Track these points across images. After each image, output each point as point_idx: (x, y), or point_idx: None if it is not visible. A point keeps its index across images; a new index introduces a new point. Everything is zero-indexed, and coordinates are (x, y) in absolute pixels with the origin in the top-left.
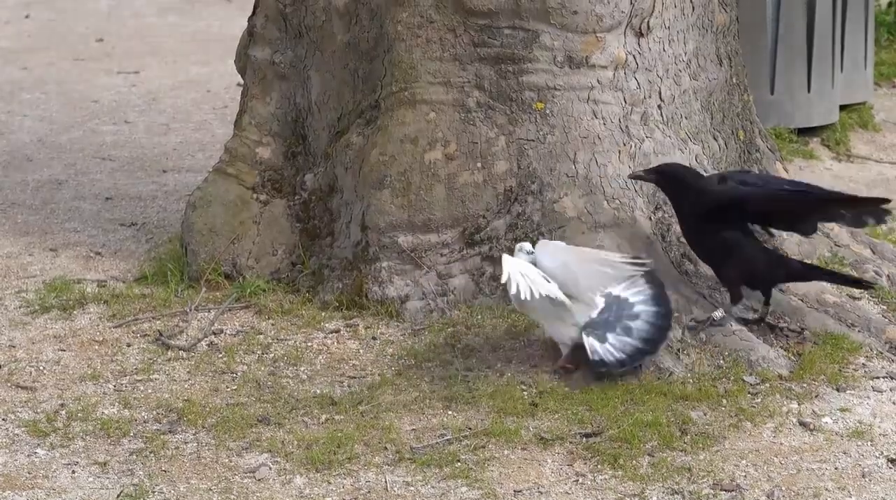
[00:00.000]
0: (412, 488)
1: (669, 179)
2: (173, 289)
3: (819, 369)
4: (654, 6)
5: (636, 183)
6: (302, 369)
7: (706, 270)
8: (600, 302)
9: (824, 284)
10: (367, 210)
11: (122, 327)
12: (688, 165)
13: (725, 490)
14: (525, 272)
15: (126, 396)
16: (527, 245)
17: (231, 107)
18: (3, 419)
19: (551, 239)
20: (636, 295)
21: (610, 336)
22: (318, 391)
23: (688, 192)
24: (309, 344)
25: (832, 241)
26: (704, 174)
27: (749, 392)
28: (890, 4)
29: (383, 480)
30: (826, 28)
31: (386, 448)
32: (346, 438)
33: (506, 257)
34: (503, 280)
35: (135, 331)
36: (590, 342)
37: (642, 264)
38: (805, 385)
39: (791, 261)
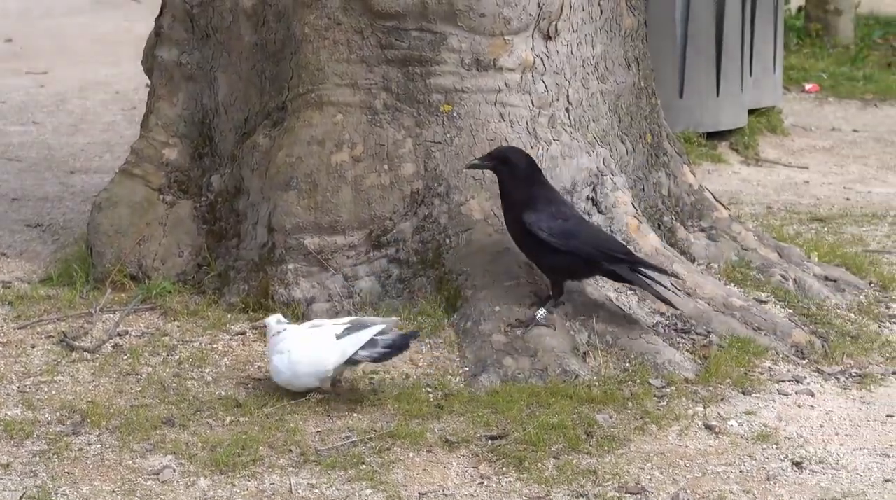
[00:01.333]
0: (317, 490)
1: (506, 166)
2: (79, 290)
3: (725, 372)
4: (561, 9)
5: None
6: (207, 371)
7: None
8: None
9: (731, 288)
10: (273, 212)
11: (27, 329)
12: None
13: (631, 493)
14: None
15: (30, 397)
16: (280, 317)
17: (140, 108)
18: None
19: (458, 241)
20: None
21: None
22: (223, 393)
23: (520, 185)
24: (214, 346)
25: (739, 244)
26: (540, 175)
27: (655, 395)
28: (800, 9)
29: (288, 482)
30: (735, 32)
31: (291, 450)
32: (250, 440)
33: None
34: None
35: (39, 332)
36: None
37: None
38: (711, 389)
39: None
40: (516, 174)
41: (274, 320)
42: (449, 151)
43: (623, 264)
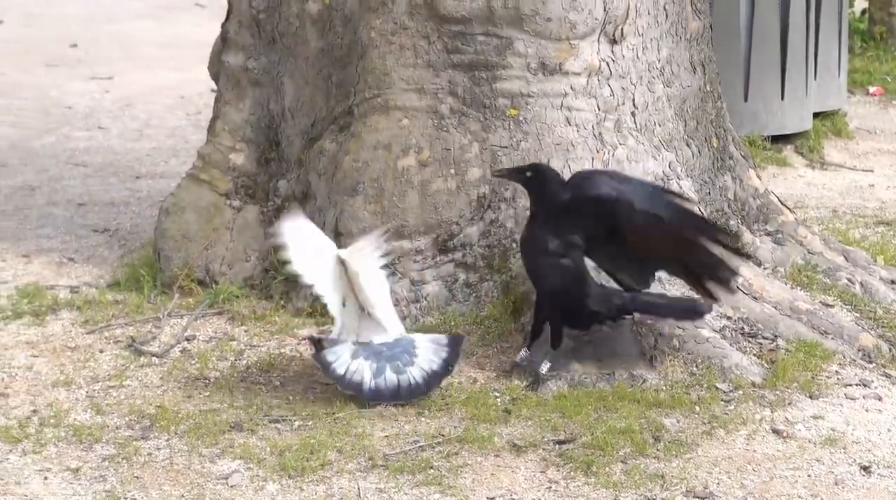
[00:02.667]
0: (385, 494)
1: (537, 181)
2: (146, 295)
3: (792, 376)
4: (627, 13)
5: None
6: (275, 375)
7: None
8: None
9: (798, 292)
10: (340, 217)
11: (95, 333)
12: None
13: (698, 498)
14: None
15: (98, 402)
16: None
17: (205, 113)
18: None
19: None
20: (430, 351)
21: (387, 371)
22: (291, 398)
23: (546, 199)
24: (282, 351)
25: (805, 248)
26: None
27: (722, 400)
28: (863, 12)
29: (356, 487)
30: (800, 35)
31: (359, 455)
32: (319, 444)
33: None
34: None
35: (107, 337)
36: (359, 366)
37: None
38: (778, 393)
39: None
40: (541, 189)
41: None
42: (515, 156)
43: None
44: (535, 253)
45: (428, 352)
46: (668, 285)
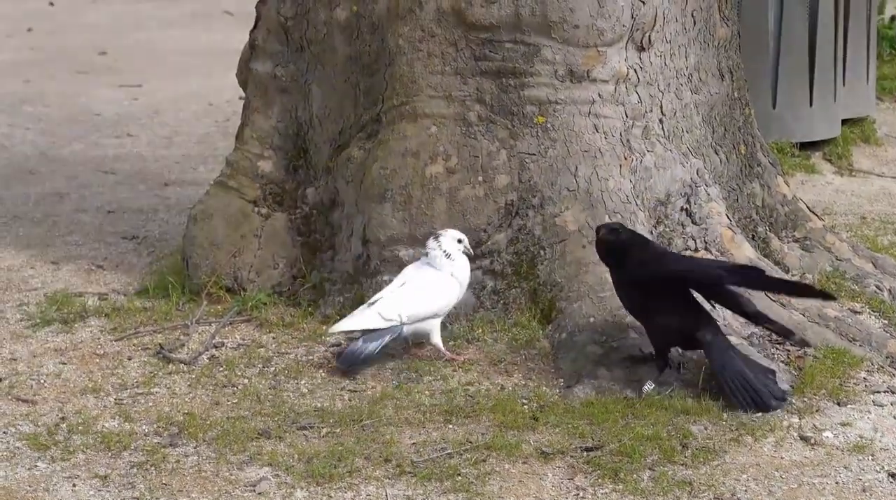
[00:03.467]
0: None
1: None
2: (174, 302)
3: (820, 383)
4: (655, 20)
5: (637, 197)
6: (303, 382)
7: None
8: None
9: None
10: (368, 224)
11: (123, 341)
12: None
13: None
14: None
15: (127, 409)
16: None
17: (233, 120)
18: (4, 432)
19: (553, 252)
20: None
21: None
22: (319, 405)
23: (631, 259)
24: (310, 358)
25: (833, 255)
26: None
27: None
28: (893, 18)
29: (384, 493)
30: (828, 42)
31: (387, 462)
32: (346, 451)
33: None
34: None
35: (136, 344)
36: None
37: None
38: (806, 400)
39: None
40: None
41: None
42: (543, 163)
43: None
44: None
45: None
46: None
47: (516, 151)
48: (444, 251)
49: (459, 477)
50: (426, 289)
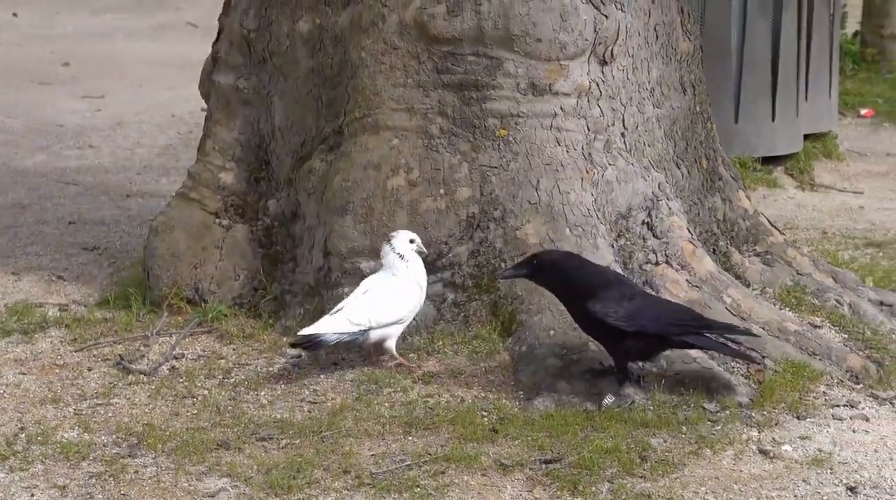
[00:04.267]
0: None
1: (547, 271)
2: (135, 313)
3: (779, 397)
4: (618, 34)
5: (598, 211)
6: (263, 394)
7: (668, 298)
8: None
9: (786, 313)
10: (329, 236)
11: (84, 351)
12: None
13: None
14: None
15: (86, 419)
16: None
17: (195, 132)
18: None
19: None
20: None
21: None
22: (279, 416)
23: (571, 284)
24: (270, 369)
25: (794, 269)
26: (586, 262)
27: (709, 420)
28: (855, 34)
29: None
30: (791, 57)
31: (346, 473)
32: (305, 463)
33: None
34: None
35: (96, 355)
36: None
37: None
38: (765, 413)
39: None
40: (560, 273)
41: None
42: (505, 176)
43: (694, 332)
44: (589, 323)
45: None
46: None
47: (478, 163)
48: (398, 253)
49: (418, 489)
50: (391, 296)
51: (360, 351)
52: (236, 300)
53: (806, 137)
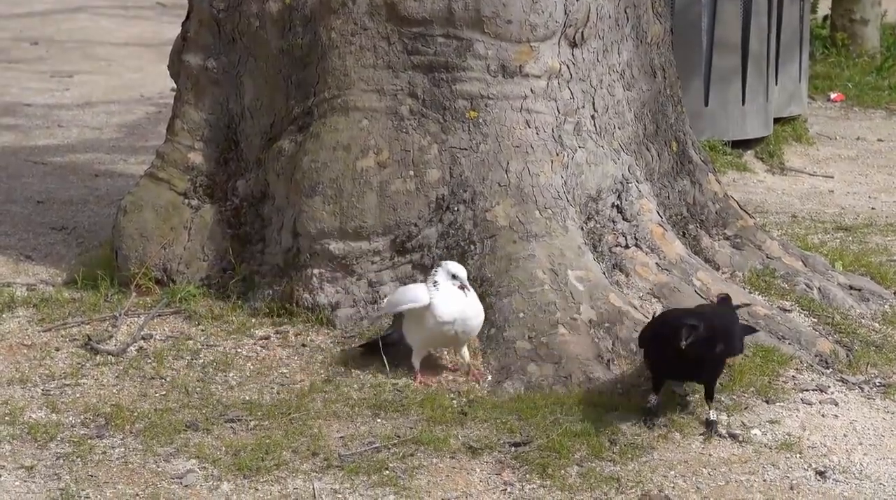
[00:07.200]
0: (340, 495)
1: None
2: (103, 293)
3: (749, 381)
4: (588, 17)
5: (568, 193)
6: (231, 375)
7: (637, 281)
8: None
9: (756, 296)
10: (298, 217)
11: (51, 332)
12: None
13: None
14: None
15: (54, 400)
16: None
17: (165, 112)
18: None
19: (483, 247)
20: None
21: None
22: (247, 398)
23: None
24: (238, 350)
25: (764, 253)
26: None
27: (679, 404)
28: (825, 19)
29: (311, 487)
30: (761, 41)
31: (314, 455)
32: (274, 444)
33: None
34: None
35: (64, 335)
36: None
37: None
38: (735, 397)
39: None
40: None
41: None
42: (474, 158)
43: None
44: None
45: None
46: None
47: (448, 145)
48: (434, 280)
49: (387, 471)
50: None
51: (329, 333)
52: (205, 281)
53: (776, 120)
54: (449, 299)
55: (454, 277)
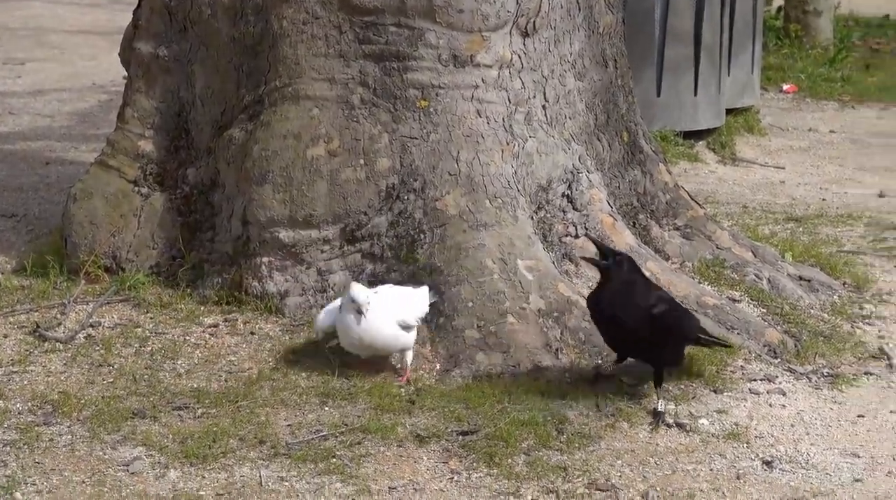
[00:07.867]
0: (287, 483)
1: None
2: (52, 281)
3: (697, 370)
4: (540, 6)
5: (518, 182)
6: (179, 363)
7: (586, 270)
8: None
9: (705, 287)
10: (248, 205)
11: (0, 318)
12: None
13: (600, 490)
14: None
15: (1, 387)
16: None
17: (116, 100)
18: None
19: (433, 236)
20: None
21: None
22: (195, 385)
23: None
24: (187, 338)
25: (713, 243)
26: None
27: (626, 393)
28: (779, 10)
29: (258, 475)
30: (714, 32)
31: (261, 443)
32: (221, 432)
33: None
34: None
35: (12, 322)
36: None
37: None
38: (682, 387)
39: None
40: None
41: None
42: (425, 147)
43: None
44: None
45: None
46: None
47: (398, 134)
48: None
49: (334, 459)
50: None
51: (278, 321)
52: (154, 269)
53: (728, 111)
54: (346, 326)
55: (352, 301)
